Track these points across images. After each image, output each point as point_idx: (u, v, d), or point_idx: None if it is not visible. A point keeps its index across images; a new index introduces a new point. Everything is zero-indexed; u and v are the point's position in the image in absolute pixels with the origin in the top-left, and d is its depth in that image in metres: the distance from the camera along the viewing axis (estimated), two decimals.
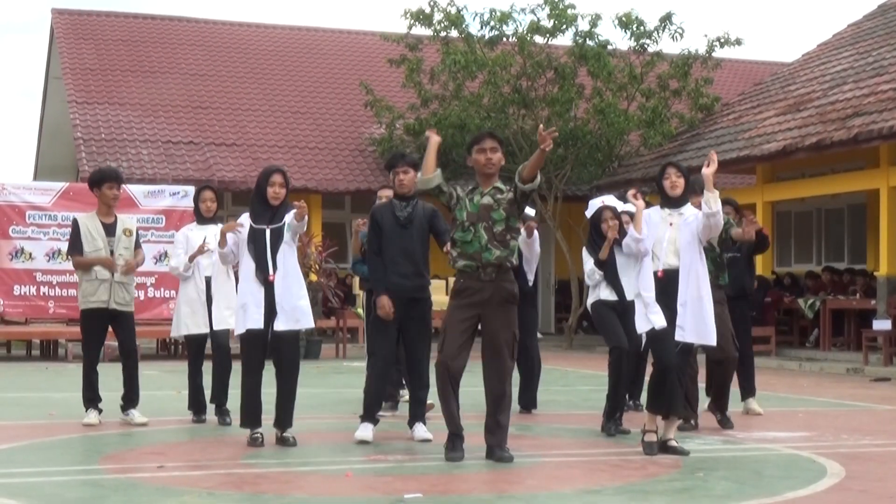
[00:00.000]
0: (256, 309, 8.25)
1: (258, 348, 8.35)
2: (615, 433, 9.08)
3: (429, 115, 24.51)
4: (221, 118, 26.33)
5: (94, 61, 27.47)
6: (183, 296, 9.93)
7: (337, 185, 24.82)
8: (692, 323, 7.95)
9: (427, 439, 8.59)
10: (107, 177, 9.73)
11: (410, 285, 8.67)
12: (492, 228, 7.72)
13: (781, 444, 8.63)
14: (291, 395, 8.40)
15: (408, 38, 24.44)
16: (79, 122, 24.98)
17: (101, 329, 9.72)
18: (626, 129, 23.90)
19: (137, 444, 8.56)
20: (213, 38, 29.95)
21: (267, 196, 8.38)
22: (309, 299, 8.48)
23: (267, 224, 8.35)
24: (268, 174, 8.45)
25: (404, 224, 8.73)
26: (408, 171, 8.84)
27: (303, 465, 7.63)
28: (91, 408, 9.57)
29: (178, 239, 10.09)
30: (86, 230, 9.58)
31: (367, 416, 8.66)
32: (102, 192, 9.65)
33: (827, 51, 23.54)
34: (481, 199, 7.83)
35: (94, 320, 9.61)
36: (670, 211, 8.26)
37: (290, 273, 8.33)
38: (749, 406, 10.75)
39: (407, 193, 8.83)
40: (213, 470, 7.38)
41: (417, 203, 8.89)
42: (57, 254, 18.26)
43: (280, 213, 8.38)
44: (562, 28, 23.67)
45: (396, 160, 8.96)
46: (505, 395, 7.75)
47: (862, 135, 17.50)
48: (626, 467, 7.66)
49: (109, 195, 9.65)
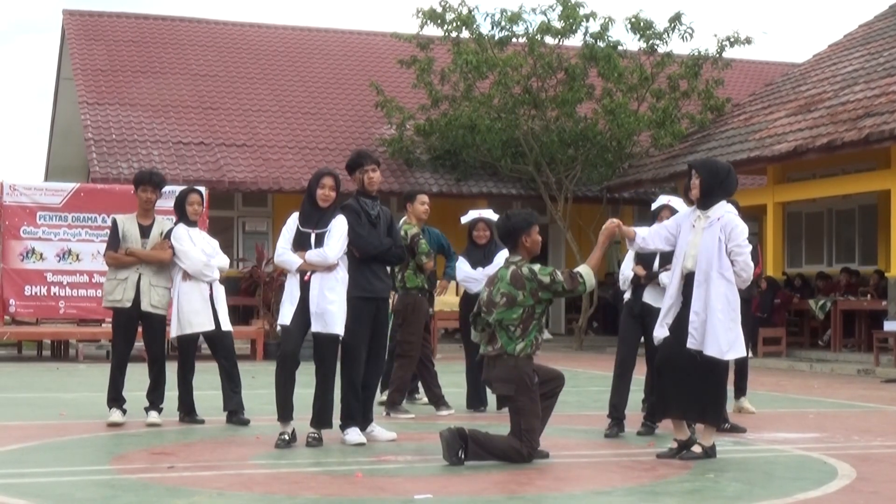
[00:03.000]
0: (291, 307, 8.36)
1: (291, 343, 8.40)
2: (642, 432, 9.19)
3: (439, 116, 24.54)
4: (232, 119, 26.36)
5: (104, 62, 27.52)
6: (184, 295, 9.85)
7: (347, 185, 24.78)
8: (700, 331, 7.79)
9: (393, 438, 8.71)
10: (140, 180, 9.87)
11: (382, 287, 8.75)
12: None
13: (792, 445, 8.62)
14: (323, 396, 8.44)
15: (418, 38, 24.45)
16: (90, 122, 25.04)
17: (129, 328, 9.73)
18: (637, 129, 23.90)
19: (148, 444, 8.57)
20: (223, 38, 29.99)
21: (316, 198, 8.45)
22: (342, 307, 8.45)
23: (313, 228, 8.42)
24: (318, 176, 8.55)
25: (374, 222, 8.75)
26: (376, 169, 8.87)
27: (313, 466, 7.64)
28: (115, 407, 9.59)
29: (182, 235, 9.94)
30: (122, 229, 9.67)
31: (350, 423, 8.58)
32: (138, 195, 9.81)
33: (838, 51, 23.50)
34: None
35: (121, 319, 9.66)
36: (699, 213, 8.00)
37: (327, 277, 8.36)
38: (742, 405, 10.82)
39: (374, 193, 8.85)
40: (223, 470, 7.39)
41: (380, 203, 8.94)
42: (68, 254, 18.32)
43: (327, 217, 8.45)
44: (573, 29, 23.67)
45: (363, 159, 8.90)
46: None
47: (873, 135, 17.46)
48: (636, 468, 7.65)
49: (142, 198, 9.79)
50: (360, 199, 8.83)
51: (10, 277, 18.34)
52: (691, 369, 7.82)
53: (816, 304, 19.52)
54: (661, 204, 9.42)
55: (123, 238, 9.64)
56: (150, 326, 9.73)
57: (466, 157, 24.83)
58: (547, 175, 24.06)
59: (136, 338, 9.84)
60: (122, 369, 9.68)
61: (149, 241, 9.69)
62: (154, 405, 9.66)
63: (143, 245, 9.66)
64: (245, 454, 8.02)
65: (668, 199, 9.46)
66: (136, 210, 9.86)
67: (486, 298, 7.89)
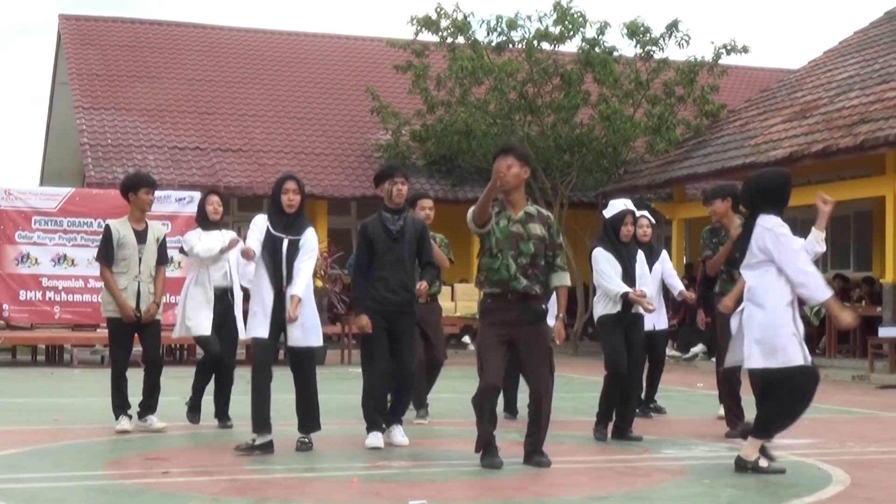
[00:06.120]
0: (264, 318, 8.27)
1: (264, 355, 8.36)
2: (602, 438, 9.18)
3: (435, 122, 24.55)
4: (227, 124, 26.37)
5: (100, 67, 27.53)
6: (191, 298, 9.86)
7: (343, 191, 24.83)
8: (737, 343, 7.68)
9: (403, 444, 8.65)
10: (144, 182, 9.72)
11: (398, 300, 8.66)
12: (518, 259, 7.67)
13: (787, 451, 8.62)
14: (306, 401, 8.46)
15: (414, 44, 24.46)
16: (85, 127, 25.03)
17: (128, 336, 9.67)
18: (632, 135, 23.92)
19: (142, 449, 8.56)
20: (218, 43, 30.00)
21: (281, 204, 8.41)
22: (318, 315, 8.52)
23: (284, 232, 8.37)
24: (281, 182, 8.50)
25: (396, 238, 8.70)
26: (405, 182, 8.84)
27: (308, 471, 7.64)
28: (122, 415, 9.52)
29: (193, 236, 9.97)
30: (117, 236, 9.53)
31: (371, 427, 8.65)
32: (138, 198, 9.60)
33: (833, 58, 23.53)
34: (510, 225, 7.75)
35: (119, 327, 9.57)
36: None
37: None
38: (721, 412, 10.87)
39: (400, 206, 8.82)
40: (217, 476, 7.38)
41: (407, 216, 8.88)
42: (63, 259, 18.32)
43: (298, 223, 8.41)
44: (569, 34, 23.69)
45: (394, 171, 8.90)
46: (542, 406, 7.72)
47: (868, 142, 17.49)
48: (631, 474, 7.65)
49: (146, 200, 9.61)
50: (383, 215, 8.78)
51: (5, 282, 18.34)
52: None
53: (812, 310, 19.50)
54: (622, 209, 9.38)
55: (119, 245, 9.52)
56: (148, 332, 9.68)
57: (462, 162, 24.85)
58: (543, 181, 24.07)
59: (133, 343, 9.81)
60: (124, 375, 9.58)
61: (145, 247, 9.59)
62: (152, 409, 9.61)
63: (139, 251, 9.56)
64: (240, 459, 8.01)
65: (626, 203, 9.45)
66: (129, 214, 9.69)
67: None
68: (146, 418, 9.59)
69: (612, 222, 9.37)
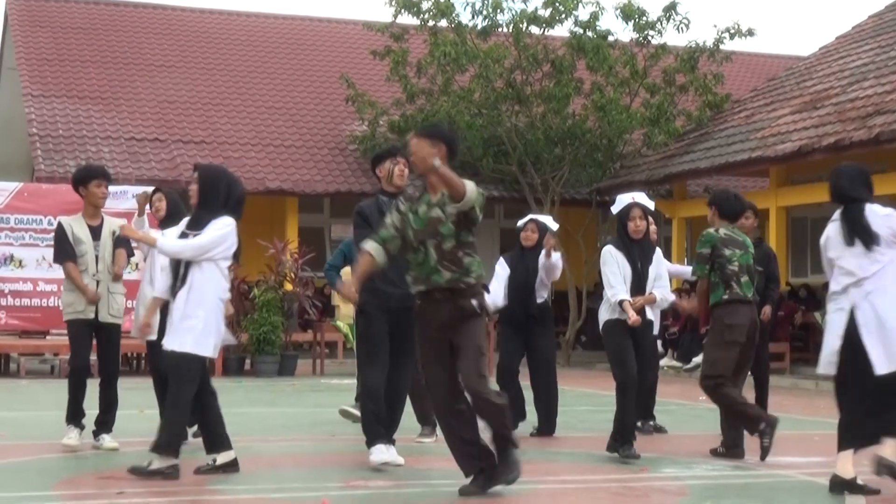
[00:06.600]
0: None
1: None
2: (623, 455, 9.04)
3: (415, 112, 24.52)
4: (189, 113, 26.31)
5: (51, 51, 27.44)
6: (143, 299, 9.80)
7: (315, 186, 24.80)
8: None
9: (399, 463, 8.42)
10: (95, 174, 9.63)
11: (399, 293, 8.25)
12: (441, 246, 7.30)
13: (796, 469, 8.64)
14: (176, 419, 8.17)
15: (393, 27, 24.44)
16: (34, 116, 24.94)
17: (89, 339, 9.57)
18: (629, 127, 23.92)
19: (96, 467, 8.52)
20: (180, 26, 29.94)
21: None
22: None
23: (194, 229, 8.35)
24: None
25: None
26: (408, 164, 8.61)
27: (276, 492, 7.61)
28: (74, 426, 9.40)
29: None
30: (71, 233, 9.47)
31: (373, 440, 8.39)
32: (90, 191, 9.52)
33: (846, 44, 23.62)
34: (428, 210, 7.35)
35: (82, 331, 9.48)
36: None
37: (196, 289, 8.16)
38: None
39: (400, 189, 8.67)
40: (178, 496, 7.35)
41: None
42: (9, 260, 18.22)
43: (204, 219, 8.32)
44: (560, 18, 23.70)
45: (396, 150, 8.84)
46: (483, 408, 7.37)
47: (884, 135, 17.54)
48: (627, 495, 7.65)
49: (98, 194, 9.53)
50: (380, 199, 8.66)
51: None
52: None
53: (822, 316, 19.57)
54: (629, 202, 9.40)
55: (75, 242, 9.48)
56: (107, 339, 9.57)
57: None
58: (532, 176, 24.09)
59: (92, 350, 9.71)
60: (84, 383, 9.44)
61: (100, 244, 9.52)
62: (108, 427, 9.50)
63: (95, 248, 9.50)
64: (202, 479, 7.98)
65: (633, 196, 9.48)
66: (82, 210, 9.63)
67: None
68: (100, 437, 9.50)
69: (619, 217, 9.40)
